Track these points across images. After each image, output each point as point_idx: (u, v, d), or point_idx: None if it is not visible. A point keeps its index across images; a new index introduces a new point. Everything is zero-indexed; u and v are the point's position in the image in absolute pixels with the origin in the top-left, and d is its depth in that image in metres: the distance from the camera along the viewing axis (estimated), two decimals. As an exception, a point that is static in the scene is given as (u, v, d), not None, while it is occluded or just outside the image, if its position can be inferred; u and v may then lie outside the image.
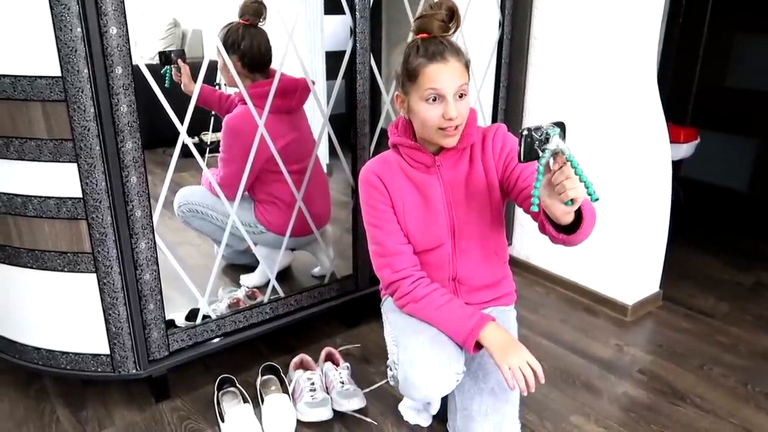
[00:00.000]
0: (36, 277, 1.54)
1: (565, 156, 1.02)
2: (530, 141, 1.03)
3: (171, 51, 2.05)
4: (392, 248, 1.42)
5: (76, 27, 1.28)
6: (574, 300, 2.32)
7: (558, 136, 1.02)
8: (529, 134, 1.03)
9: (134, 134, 1.41)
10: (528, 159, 1.05)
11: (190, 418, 1.65)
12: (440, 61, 1.27)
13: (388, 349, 1.48)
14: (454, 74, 1.28)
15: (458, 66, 1.29)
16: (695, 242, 2.85)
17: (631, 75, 2.02)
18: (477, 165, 1.41)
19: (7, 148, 1.42)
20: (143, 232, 1.50)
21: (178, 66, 2.02)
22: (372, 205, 1.42)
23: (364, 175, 1.44)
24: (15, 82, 1.35)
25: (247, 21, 1.92)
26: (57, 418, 1.65)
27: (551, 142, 1.02)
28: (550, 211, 1.13)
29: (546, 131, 1.02)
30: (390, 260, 1.42)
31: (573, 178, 1.03)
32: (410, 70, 1.30)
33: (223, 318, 1.74)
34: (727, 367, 1.91)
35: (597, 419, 1.66)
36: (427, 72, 1.27)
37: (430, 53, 1.28)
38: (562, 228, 1.19)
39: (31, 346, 1.63)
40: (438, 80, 1.27)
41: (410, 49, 1.32)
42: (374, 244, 1.45)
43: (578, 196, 1.05)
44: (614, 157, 2.11)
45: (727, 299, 2.34)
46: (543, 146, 1.03)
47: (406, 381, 1.37)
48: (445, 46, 1.29)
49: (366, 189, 1.43)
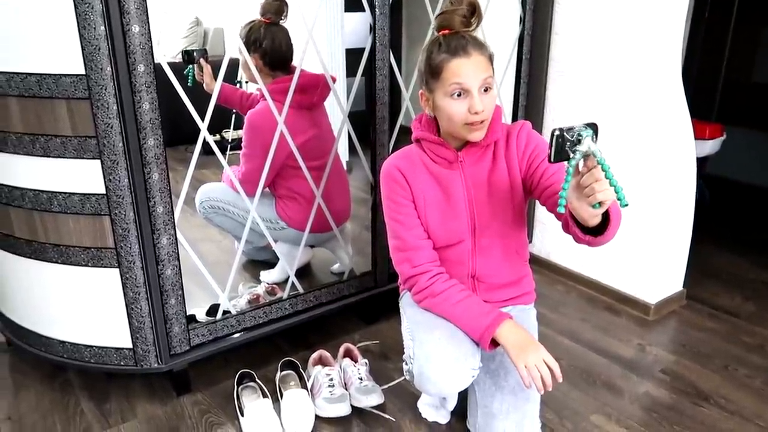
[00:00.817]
0: (61, 271, 1.57)
1: (596, 159, 1.00)
2: (561, 141, 1.01)
3: (194, 50, 2.07)
4: (412, 243, 1.42)
5: (99, 25, 1.30)
6: (595, 298, 2.29)
7: (591, 138, 1.00)
8: (561, 134, 1.01)
9: (156, 131, 1.43)
10: (558, 159, 1.03)
11: (210, 412, 1.67)
12: (463, 56, 1.26)
13: (404, 343, 1.48)
14: (478, 68, 1.27)
15: (482, 59, 1.28)
16: (720, 240, 2.80)
17: (655, 70, 1.99)
18: (500, 162, 1.40)
19: (33, 145, 1.45)
20: (165, 228, 1.52)
21: (201, 65, 2.04)
22: (393, 199, 1.42)
23: (385, 169, 1.43)
24: (41, 80, 1.37)
25: (268, 20, 1.93)
26: (81, 410, 1.68)
27: (583, 144, 1.00)
28: (576, 213, 1.11)
29: (578, 132, 1.00)
30: (409, 255, 1.42)
31: (603, 181, 1.01)
32: (433, 66, 1.29)
33: (243, 313, 1.76)
34: (753, 367, 1.87)
35: (618, 419, 1.64)
36: (451, 67, 1.27)
37: (453, 48, 1.27)
38: (588, 229, 1.18)
39: (57, 340, 1.67)
40: (462, 74, 1.26)
41: (432, 45, 1.31)
42: (394, 239, 1.45)
43: (607, 199, 1.03)
44: (638, 154, 2.08)
45: (752, 298, 2.30)
46: (574, 147, 1.01)
47: (422, 376, 1.36)
48: (468, 40, 1.28)
49: (387, 183, 1.43)
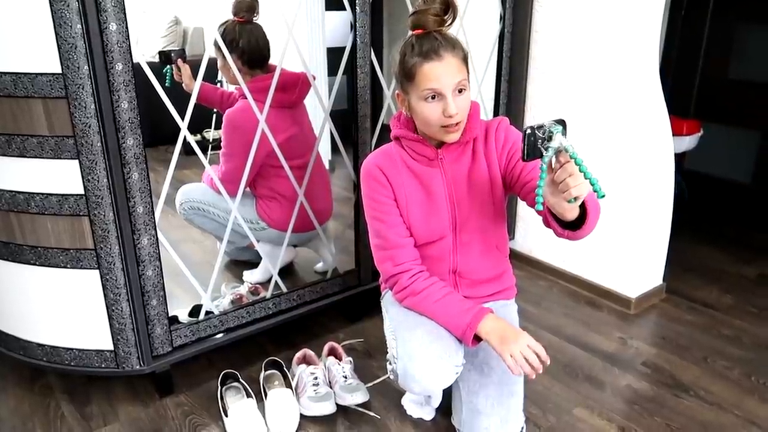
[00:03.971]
0: (39, 273, 1.55)
1: (568, 153, 1.02)
2: (533, 139, 1.03)
3: (171, 51, 2.04)
4: (394, 241, 1.42)
5: (75, 24, 1.29)
6: (577, 293, 2.31)
7: (561, 134, 1.02)
8: (532, 133, 1.02)
9: (135, 131, 1.41)
10: (531, 158, 1.05)
11: (193, 413, 1.66)
12: (435, 59, 1.25)
13: (387, 343, 1.48)
14: (450, 71, 1.26)
15: (454, 61, 1.27)
16: (699, 235, 2.84)
17: (633, 67, 2.01)
18: (479, 159, 1.40)
19: (9, 145, 1.42)
20: (145, 229, 1.50)
21: (179, 66, 2.01)
22: (374, 198, 1.42)
23: (366, 168, 1.43)
24: (16, 79, 1.35)
25: (242, 18, 1.92)
26: (62, 414, 1.66)
27: (554, 140, 1.02)
28: (554, 209, 1.13)
29: (548, 129, 1.02)
30: (391, 253, 1.42)
31: (577, 175, 1.02)
32: (406, 70, 1.29)
33: (226, 314, 1.75)
34: (731, 359, 1.91)
35: (600, 412, 1.66)
36: (423, 71, 1.26)
37: (425, 51, 1.26)
38: (567, 224, 1.19)
39: (35, 343, 1.64)
40: (435, 79, 1.25)
41: (405, 47, 1.30)
42: (376, 237, 1.45)
43: (581, 194, 1.04)
44: (617, 150, 2.10)
45: (730, 291, 2.34)
46: (546, 144, 1.02)
47: (406, 374, 1.37)
48: (440, 42, 1.26)
49: (368, 182, 1.42)
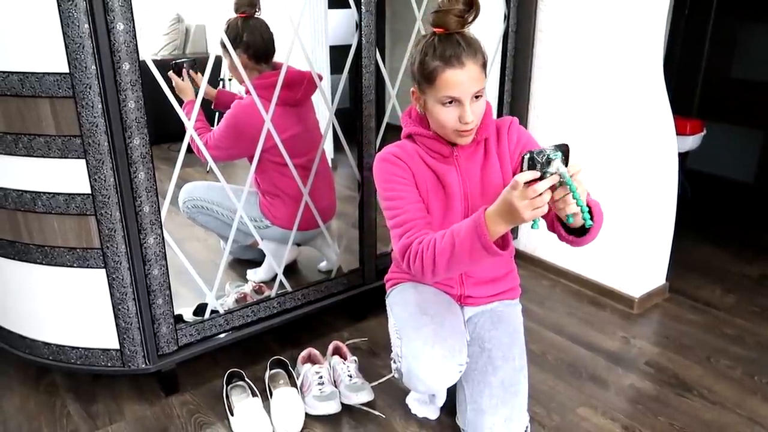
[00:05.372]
0: (46, 273, 1.55)
1: (564, 180, 1.07)
2: (531, 164, 1.08)
3: (183, 61, 1.99)
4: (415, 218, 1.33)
5: (83, 23, 1.29)
6: (580, 293, 2.32)
7: (559, 160, 1.07)
8: (531, 157, 1.07)
9: (142, 130, 1.42)
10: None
11: (199, 411, 1.66)
12: (457, 66, 1.24)
13: (392, 341, 1.49)
14: (471, 79, 1.25)
15: (475, 69, 1.26)
16: (701, 234, 2.84)
17: (637, 67, 2.01)
18: (492, 157, 1.41)
19: (16, 144, 1.42)
20: (151, 228, 1.50)
21: (192, 76, 1.99)
22: (392, 179, 1.36)
23: (382, 156, 1.38)
24: (23, 78, 1.35)
25: (244, 14, 1.92)
26: (68, 412, 1.66)
27: (552, 166, 1.07)
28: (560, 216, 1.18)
29: (548, 155, 1.07)
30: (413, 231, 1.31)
31: (570, 202, 1.08)
32: (426, 72, 1.27)
33: (231, 312, 1.75)
34: (734, 358, 1.91)
35: (604, 411, 1.66)
36: (444, 77, 1.25)
37: (447, 57, 1.24)
38: (572, 230, 1.25)
39: (41, 341, 1.65)
40: (455, 87, 1.25)
41: (427, 47, 1.28)
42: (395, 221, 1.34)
43: (577, 213, 1.11)
44: (620, 150, 2.10)
45: (733, 291, 2.34)
46: (544, 169, 1.07)
47: (410, 373, 1.37)
48: (462, 48, 1.25)
49: (384, 167, 1.37)
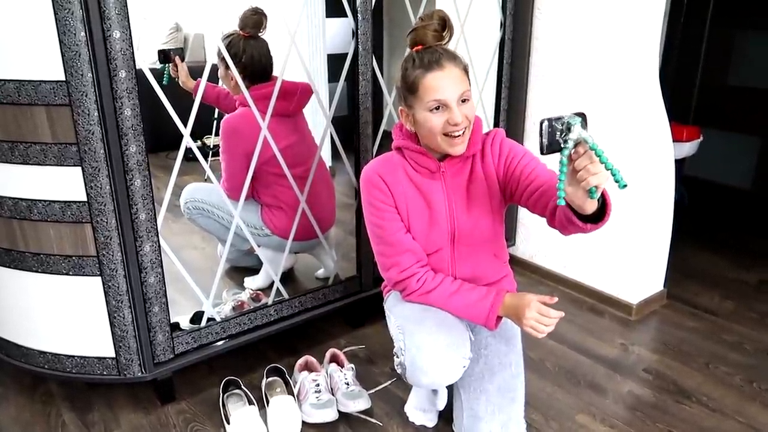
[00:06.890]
0: (41, 280, 1.54)
1: (588, 145, 0.99)
2: (551, 131, 0.99)
3: (170, 49, 2.13)
4: (398, 247, 1.41)
5: (79, 31, 1.29)
6: (578, 300, 2.31)
7: (579, 125, 0.99)
8: (550, 124, 0.99)
9: (138, 138, 1.42)
10: (549, 151, 1.01)
11: (195, 420, 1.65)
12: (437, 69, 1.27)
13: (393, 338, 1.47)
14: (453, 80, 1.27)
15: (456, 71, 1.28)
16: (699, 241, 2.84)
17: (633, 74, 2.02)
18: (477, 172, 1.41)
19: (12, 152, 1.42)
20: (148, 235, 1.50)
21: (176, 64, 2.08)
22: (374, 204, 1.41)
23: (366, 175, 1.42)
24: (19, 86, 1.36)
25: (248, 34, 1.92)
26: (63, 421, 1.65)
27: (573, 132, 0.99)
28: (573, 202, 1.11)
29: (567, 121, 0.99)
30: (396, 260, 1.42)
31: (596, 164, 1.00)
32: (409, 83, 1.30)
33: (228, 320, 1.75)
34: (733, 365, 1.91)
35: (603, 418, 1.66)
36: (426, 82, 1.27)
37: (426, 62, 1.27)
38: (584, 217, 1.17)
39: (37, 350, 1.64)
40: (439, 89, 1.26)
41: (407, 63, 1.32)
42: (378, 244, 1.45)
43: (600, 182, 1.03)
44: (617, 157, 2.10)
45: (731, 297, 2.34)
46: (565, 136, 0.99)
47: (414, 365, 1.36)
48: (441, 53, 1.28)
49: (368, 188, 1.42)
